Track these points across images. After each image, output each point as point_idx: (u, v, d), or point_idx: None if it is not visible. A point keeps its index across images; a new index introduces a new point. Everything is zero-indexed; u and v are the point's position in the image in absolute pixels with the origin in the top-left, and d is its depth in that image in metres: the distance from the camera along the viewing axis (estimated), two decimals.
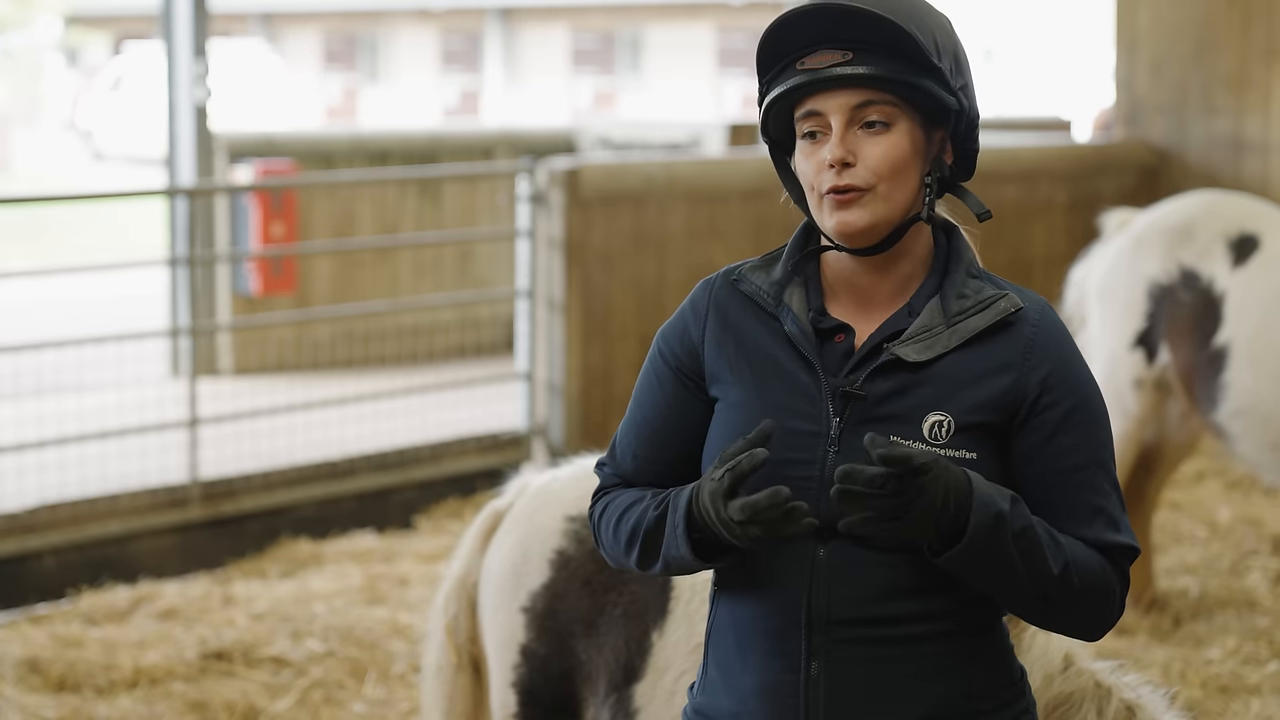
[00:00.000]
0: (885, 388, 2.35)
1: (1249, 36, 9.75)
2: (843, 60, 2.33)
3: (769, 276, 2.45)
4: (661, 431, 2.49)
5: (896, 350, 2.35)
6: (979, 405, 2.34)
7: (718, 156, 10.14)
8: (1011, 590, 2.31)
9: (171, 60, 9.65)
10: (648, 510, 2.41)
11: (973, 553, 2.26)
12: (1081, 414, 2.37)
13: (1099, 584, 2.34)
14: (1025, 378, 2.35)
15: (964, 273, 2.41)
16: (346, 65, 39.49)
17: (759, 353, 2.42)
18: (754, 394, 2.40)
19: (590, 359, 8.00)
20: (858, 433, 2.34)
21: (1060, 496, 2.36)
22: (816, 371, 2.38)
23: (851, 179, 2.34)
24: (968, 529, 2.24)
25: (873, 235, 2.36)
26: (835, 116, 2.34)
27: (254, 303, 9.84)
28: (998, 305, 2.38)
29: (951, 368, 2.35)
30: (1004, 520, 2.26)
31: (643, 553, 2.42)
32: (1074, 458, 2.36)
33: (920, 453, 2.21)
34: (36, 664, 5.68)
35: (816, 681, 2.36)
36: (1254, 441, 5.72)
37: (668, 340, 2.51)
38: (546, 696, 3.40)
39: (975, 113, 2.42)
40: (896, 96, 2.34)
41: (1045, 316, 2.40)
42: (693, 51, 35.11)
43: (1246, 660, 5.72)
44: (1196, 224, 5.97)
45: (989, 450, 2.35)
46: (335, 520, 7.48)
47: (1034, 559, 2.29)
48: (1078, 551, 2.33)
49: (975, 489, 2.26)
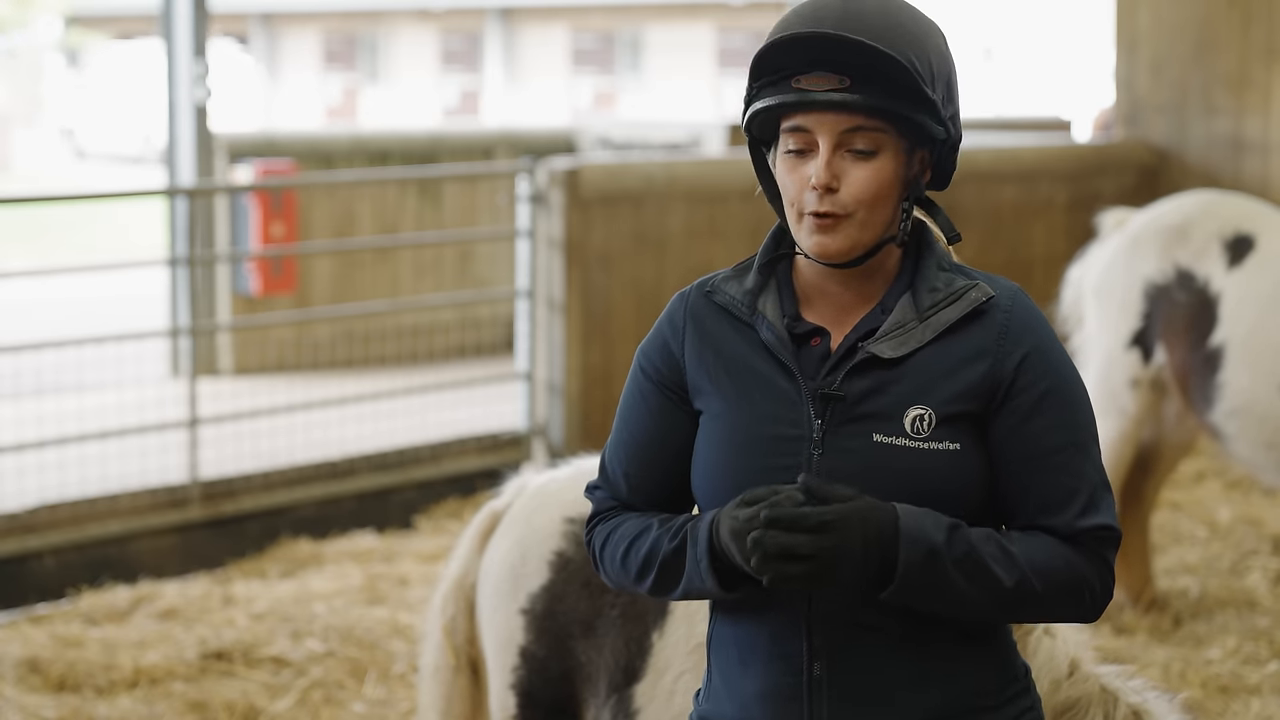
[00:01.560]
0: (863, 386, 2.36)
1: (1249, 36, 9.75)
2: (838, 86, 2.33)
3: (742, 286, 2.46)
4: (650, 448, 2.49)
5: (871, 348, 2.36)
6: (957, 395, 2.35)
7: (718, 156, 10.14)
8: (964, 610, 2.33)
9: (171, 60, 9.65)
10: (662, 540, 2.41)
11: (908, 589, 2.27)
12: (1057, 396, 2.37)
13: (1065, 581, 2.34)
14: (1001, 363, 2.36)
15: (934, 266, 2.42)
16: (346, 65, 39.47)
17: (737, 362, 2.43)
18: (735, 404, 2.41)
19: (590, 359, 8.01)
20: (840, 433, 2.35)
21: (1036, 481, 2.36)
22: (795, 376, 2.39)
23: (833, 206, 2.35)
24: (897, 568, 2.25)
25: (847, 257, 2.38)
26: (824, 139, 2.35)
27: (254, 303, 9.84)
28: (969, 296, 2.39)
29: (927, 361, 2.36)
30: (938, 553, 2.27)
31: (658, 582, 2.42)
32: (1050, 440, 2.36)
33: (820, 512, 2.22)
34: (36, 664, 5.68)
35: (819, 683, 2.37)
36: (1249, 441, 5.73)
37: (648, 356, 2.51)
38: (545, 698, 3.41)
39: (959, 136, 2.43)
40: (886, 123, 2.34)
41: (1018, 302, 2.40)
42: (693, 51, 35.10)
43: (1246, 660, 5.72)
44: (1192, 224, 5.97)
45: (972, 440, 2.36)
46: (335, 520, 7.48)
47: (982, 579, 2.29)
48: (1037, 554, 2.33)
49: (903, 529, 2.26)
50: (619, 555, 2.47)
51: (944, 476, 2.34)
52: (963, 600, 2.30)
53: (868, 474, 2.33)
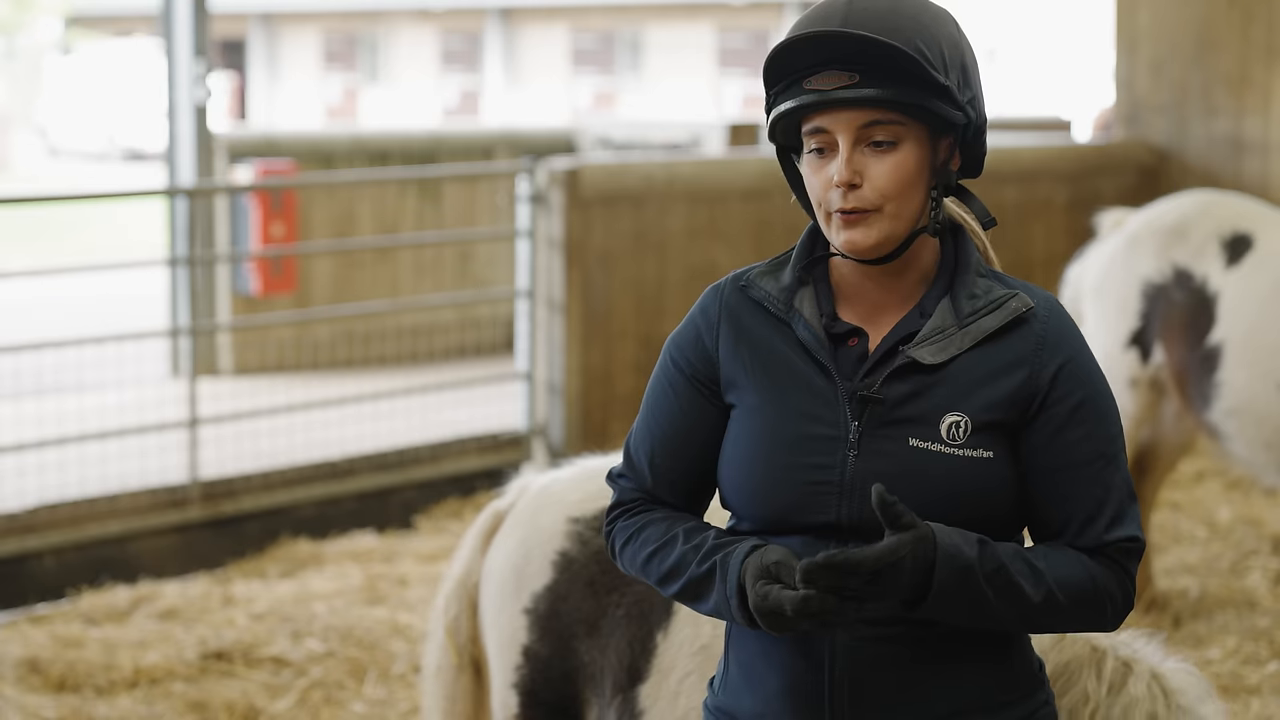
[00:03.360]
0: (902, 390, 2.36)
1: (1249, 36, 9.75)
2: (849, 83, 2.33)
3: (778, 282, 2.46)
4: (677, 438, 2.49)
5: (912, 353, 2.36)
6: (994, 403, 2.36)
7: (718, 156, 10.15)
8: (989, 622, 2.34)
9: (171, 60, 9.66)
10: (689, 560, 2.41)
11: (942, 604, 2.28)
12: (1090, 407, 2.38)
13: (1089, 595, 2.36)
14: (1038, 373, 2.37)
15: (973, 272, 2.42)
16: (346, 65, 39.48)
17: (774, 358, 2.42)
18: (771, 399, 2.41)
19: (590, 359, 8.01)
20: (876, 435, 2.35)
21: (1066, 492, 2.37)
22: (832, 376, 2.38)
23: (858, 201, 2.35)
24: (933, 585, 2.26)
25: (880, 250, 2.37)
26: (842, 136, 2.35)
27: (254, 303, 9.84)
28: (1009, 305, 2.39)
29: (966, 368, 2.37)
30: (972, 569, 2.27)
31: (681, 596, 2.43)
32: (1082, 451, 2.37)
33: (862, 572, 2.22)
34: (36, 664, 5.69)
35: (841, 682, 2.38)
36: (1247, 441, 5.73)
37: (680, 348, 2.51)
38: (548, 697, 3.41)
39: (983, 119, 2.42)
40: (903, 115, 2.34)
41: (1055, 313, 2.41)
42: (693, 51, 35.11)
43: (1246, 660, 5.72)
44: (1190, 224, 5.97)
45: (1005, 449, 2.37)
46: (335, 520, 7.48)
47: (1011, 594, 2.30)
48: (1062, 569, 2.34)
49: (940, 546, 2.27)
50: (640, 559, 2.48)
51: (977, 483, 2.34)
52: (991, 614, 2.31)
53: (902, 478, 2.33)
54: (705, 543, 2.41)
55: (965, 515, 2.33)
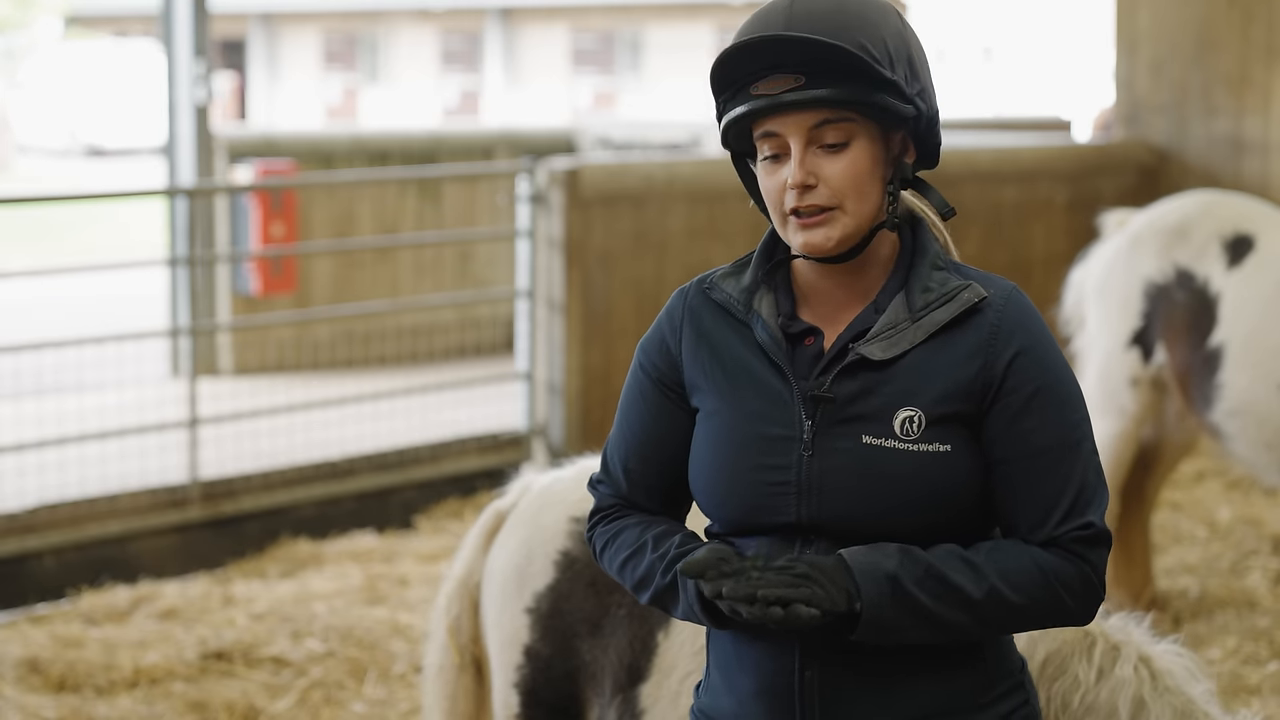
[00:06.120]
0: (853, 388, 2.36)
1: (1249, 36, 9.75)
2: (796, 85, 2.33)
3: (739, 283, 2.46)
4: (649, 444, 2.50)
5: (861, 349, 2.36)
6: (948, 396, 2.34)
7: (718, 156, 10.14)
8: (943, 633, 2.31)
9: (171, 60, 9.65)
10: (655, 570, 2.43)
11: (880, 620, 2.26)
12: (1047, 395, 2.36)
13: (1039, 587, 2.32)
14: (992, 363, 2.35)
15: (929, 266, 2.41)
16: (346, 65, 39.49)
17: (733, 361, 2.43)
18: (730, 402, 2.41)
19: (590, 359, 8.01)
20: (830, 434, 2.35)
21: (1024, 482, 2.35)
22: (787, 376, 2.39)
23: (814, 200, 2.35)
24: (861, 602, 2.25)
25: (841, 248, 2.38)
26: (793, 138, 2.35)
27: (254, 303, 9.84)
28: (961, 296, 2.38)
29: (918, 362, 2.36)
30: (896, 578, 2.27)
31: (653, 604, 2.46)
32: (1038, 440, 2.35)
33: (793, 565, 2.25)
34: (36, 664, 5.69)
35: (811, 683, 2.37)
36: (1249, 441, 5.73)
37: (647, 352, 2.52)
38: (549, 697, 3.41)
39: (934, 111, 2.42)
40: (851, 113, 2.34)
41: (1011, 300, 2.39)
42: (693, 51, 35.11)
43: (1246, 660, 5.72)
44: (1192, 224, 5.97)
45: (964, 442, 2.35)
46: (335, 520, 7.48)
47: (951, 596, 2.29)
48: (1005, 562, 2.32)
49: (852, 565, 2.27)
50: (616, 565, 2.50)
51: (935, 478, 2.33)
52: (938, 622, 2.29)
53: (858, 476, 2.33)
54: (669, 551, 2.43)
55: (926, 512, 2.33)
